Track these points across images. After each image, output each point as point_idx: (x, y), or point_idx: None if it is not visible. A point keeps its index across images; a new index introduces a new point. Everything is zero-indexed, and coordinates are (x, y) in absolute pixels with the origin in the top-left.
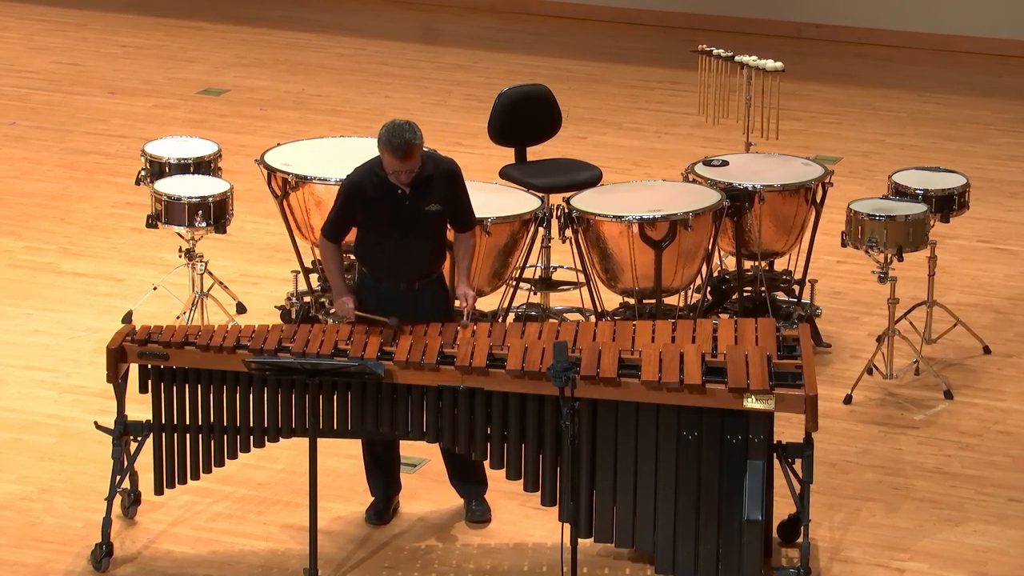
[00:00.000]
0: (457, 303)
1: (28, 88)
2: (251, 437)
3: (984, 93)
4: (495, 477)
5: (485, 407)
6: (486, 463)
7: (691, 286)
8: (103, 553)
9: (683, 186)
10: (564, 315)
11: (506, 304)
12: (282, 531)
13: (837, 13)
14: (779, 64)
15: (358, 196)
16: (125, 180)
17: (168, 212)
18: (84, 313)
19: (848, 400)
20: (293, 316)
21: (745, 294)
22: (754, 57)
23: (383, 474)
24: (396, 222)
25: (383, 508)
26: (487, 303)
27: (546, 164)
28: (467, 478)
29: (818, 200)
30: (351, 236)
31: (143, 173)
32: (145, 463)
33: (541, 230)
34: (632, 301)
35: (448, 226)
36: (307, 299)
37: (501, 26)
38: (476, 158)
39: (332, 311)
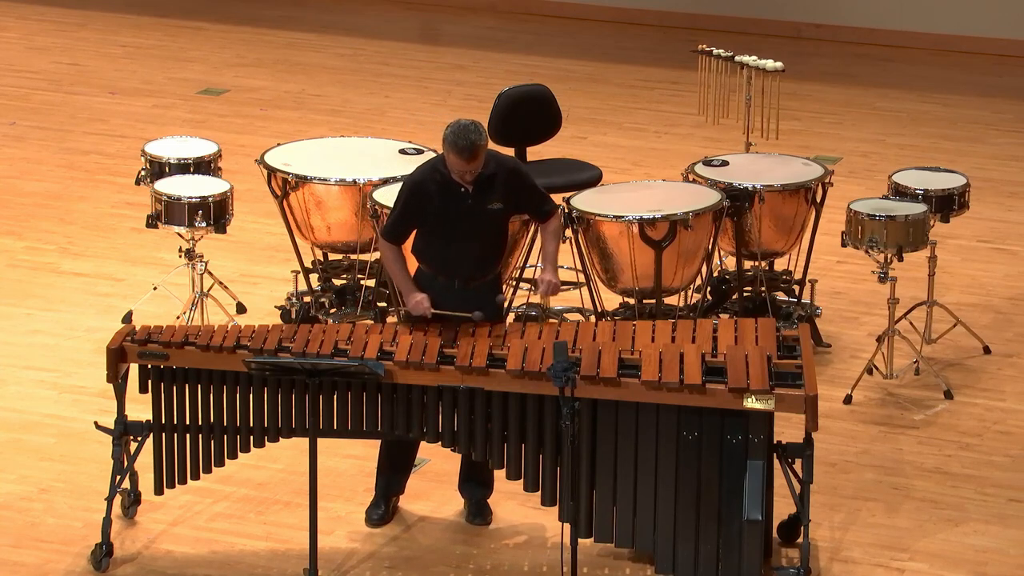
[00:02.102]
0: (540, 292)
1: (28, 88)
2: (251, 437)
3: (984, 93)
4: (495, 477)
5: (485, 407)
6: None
7: (691, 286)
8: (103, 553)
9: (683, 186)
10: (564, 315)
11: (506, 304)
12: (282, 531)
13: (837, 13)
14: (779, 64)
15: (421, 195)
16: (125, 180)
17: (168, 212)
18: (84, 313)
19: (848, 400)
20: (293, 316)
21: (745, 294)
22: (754, 57)
23: (393, 474)
24: (458, 220)
25: (384, 509)
26: None
27: (546, 164)
28: (477, 481)
29: (818, 200)
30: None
31: (143, 173)
32: (145, 463)
33: None
34: (632, 301)
35: (521, 222)
36: (307, 299)
37: (501, 26)
38: None
39: (404, 310)
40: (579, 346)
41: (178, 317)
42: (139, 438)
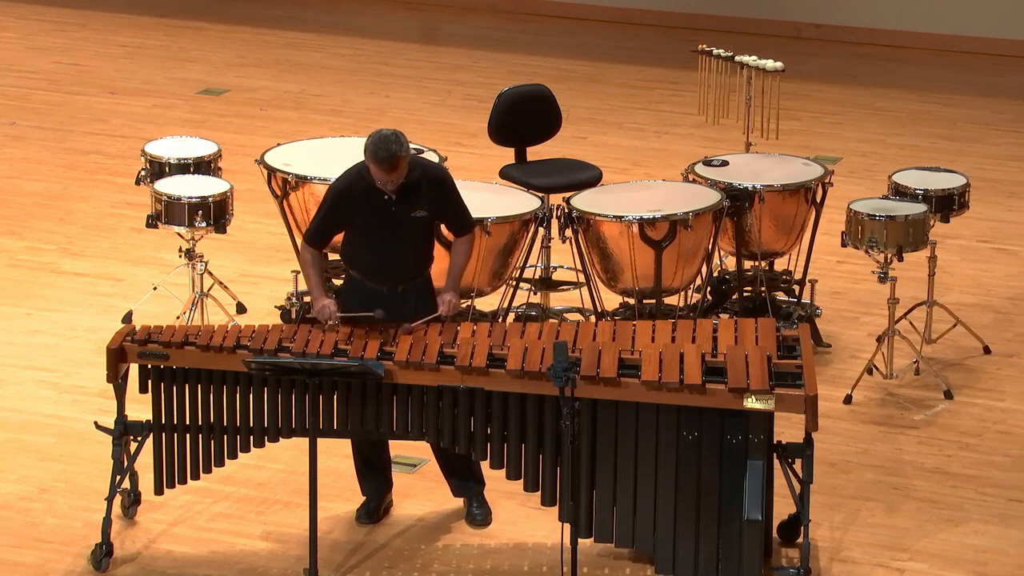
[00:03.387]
0: (441, 312)
1: (28, 88)
2: (251, 437)
3: (984, 93)
4: (495, 477)
5: (485, 407)
6: (485, 463)
7: (691, 286)
8: (103, 553)
9: (683, 186)
10: (564, 315)
11: (506, 304)
12: (282, 531)
13: (837, 13)
14: (779, 64)
15: (345, 201)
16: (125, 180)
17: (168, 212)
18: (84, 313)
19: (848, 400)
20: (293, 316)
21: (745, 294)
22: (754, 57)
23: (374, 475)
24: (382, 227)
25: (375, 508)
26: (487, 303)
27: (546, 164)
28: (464, 476)
29: (818, 200)
30: (337, 237)
31: (143, 173)
32: (145, 463)
33: (541, 230)
34: (632, 301)
35: (445, 230)
36: (307, 299)
37: (501, 26)
38: (476, 158)
39: (311, 315)
40: (579, 346)
41: (178, 317)
42: (139, 438)
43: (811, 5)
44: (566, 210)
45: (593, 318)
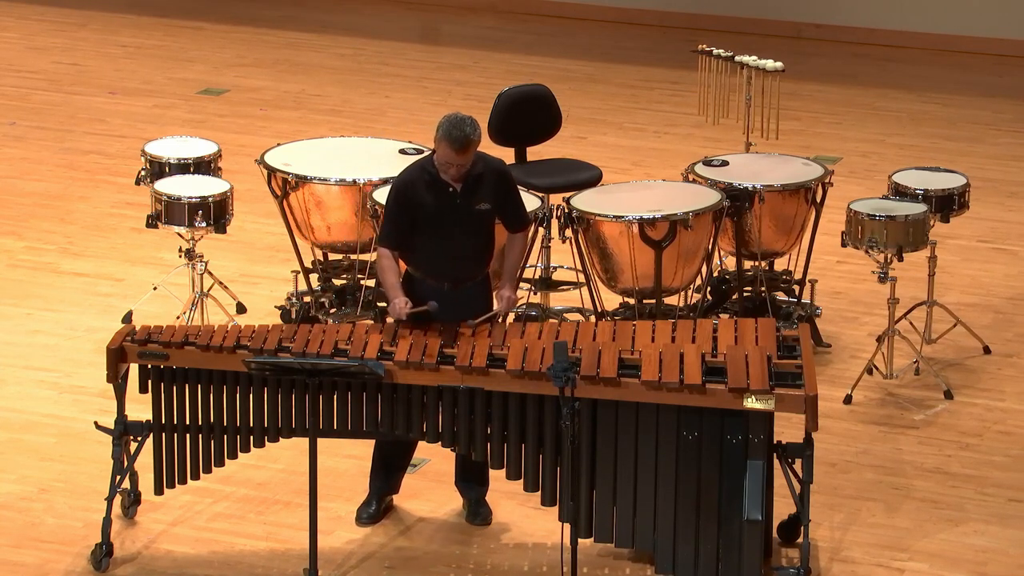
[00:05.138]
0: (499, 309)
1: (28, 88)
2: (251, 437)
3: (984, 93)
4: (495, 477)
5: (485, 407)
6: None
7: (691, 286)
8: (103, 553)
9: (683, 186)
10: (564, 315)
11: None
12: (282, 531)
13: (837, 13)
14: (779, 64)
15: (410, 192)
16: (125, 180)
17: (168, 212)
18: (84, 313)
19: (848, 400)
20: (293, 316)
21: (745, 294)
22: (754, 57)
23: (384, 473)
24: (446, 220)
25: (375, 508)
26: None
27: (546, 164)
28: (472, 480)
29: (818, 200)
30: None
31: (143, 173)
32: (145, 463)
33: (541, 230)
34: (632, 301)
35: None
36: (307, 299)
37: (501, 26)
38: None
39: (387, 313)
40: (579, 346)
41: (178, 317)
42: (139, 438)
43: (811, 5)
44: (566, 210)
45: (593, 318)
